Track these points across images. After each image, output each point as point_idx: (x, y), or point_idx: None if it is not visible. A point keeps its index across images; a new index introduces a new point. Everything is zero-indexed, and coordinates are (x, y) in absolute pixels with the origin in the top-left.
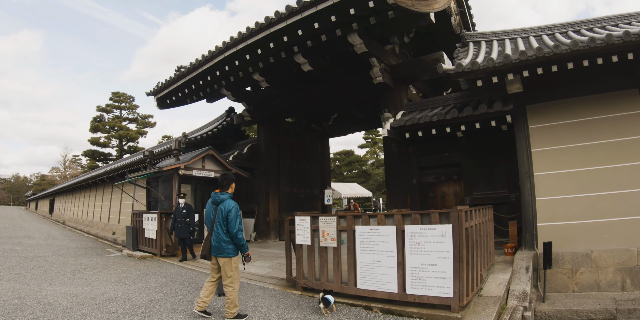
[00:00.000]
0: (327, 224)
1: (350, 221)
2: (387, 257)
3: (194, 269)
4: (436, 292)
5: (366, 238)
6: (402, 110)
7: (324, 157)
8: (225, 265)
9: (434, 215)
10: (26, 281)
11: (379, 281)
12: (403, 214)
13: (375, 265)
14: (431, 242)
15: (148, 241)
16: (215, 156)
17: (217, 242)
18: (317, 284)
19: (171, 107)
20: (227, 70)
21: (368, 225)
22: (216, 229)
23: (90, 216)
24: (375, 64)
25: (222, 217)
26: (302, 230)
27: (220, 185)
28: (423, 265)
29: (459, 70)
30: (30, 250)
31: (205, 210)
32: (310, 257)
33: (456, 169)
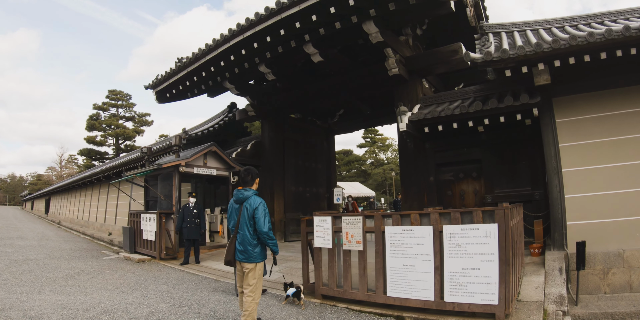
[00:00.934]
0: (351, 224)
1: (378, 221)
2: (422, 261)
3: (197, 273)
4: (479, 299)
5: (398, 240)
6: (418, 104)
7: (329, 154)
8: (250, 272)
9: (477, 214)
10: (13, 289)
11: (413, 288)
12: (440, 212)
13: (409, 270)
14: (474, 243)
15: (146, 243)
16: (218, 153)
17: (242, 245)
18: (339, 291)
19: (171, 101)
20: (232, 60)
21: (400, 226)
22: (242, 230)
23: (86, 216)
24: (390, 54)
25: (248, 216)
26: (322, 232)
27: (244, 181)
28: (464, 270)
29: (487, 58)
30: (21, 252)
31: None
32: (332, 261)
33: (475, 166)
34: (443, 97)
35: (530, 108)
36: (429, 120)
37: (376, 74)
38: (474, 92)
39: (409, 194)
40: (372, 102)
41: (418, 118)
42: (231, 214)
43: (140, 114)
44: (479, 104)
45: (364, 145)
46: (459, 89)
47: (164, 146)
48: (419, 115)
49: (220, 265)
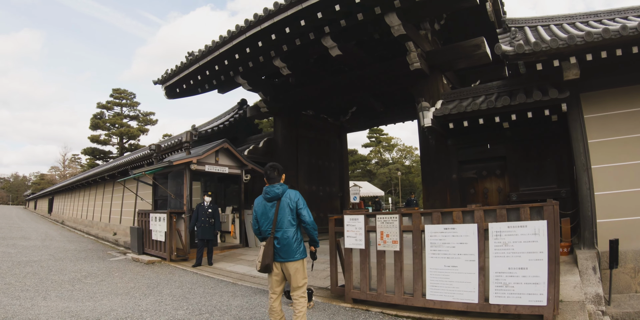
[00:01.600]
0: (386, 223)
1: (417, 220)
2: (465, 261)
3: (212, 276)
4: (526, 300)
5: (439, 239)
6: (440, 99)
7: (342, 152)
8: (297, 271)
9: (524, 210)
10: (16, 294)
11: (455, 290)
12: (485, 209)
13: (451, 271)
14: (521, 241)
15: (155, 244)
16: (230, 150)
17: (286, 242)
18: (372, 295)
19: (181, 96)
20: (247, 53)
21: (441, 224)
22: (282, 228)
23: (90, 216)
24: (412, 48)
25: (289, 211)
26: (354, 232)
27: (270, 178)
28: (511, 270)
29: (519, 51)
30: (25, 253)
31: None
32: (364, 263)
33: (499, 163)
34: (465, 92)
35: (558, 103)
36: (454, 115)
37: (394, 69)
38: (497, 87)
39: (431, 192)
40: (385, 100)
41: (443, 113)
42: (264, 213)
43: (145, 113)
44: (506, 99)
45: (368, 145)
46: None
47: (174, 143)
48: (444, 110)
49: (235, 267)
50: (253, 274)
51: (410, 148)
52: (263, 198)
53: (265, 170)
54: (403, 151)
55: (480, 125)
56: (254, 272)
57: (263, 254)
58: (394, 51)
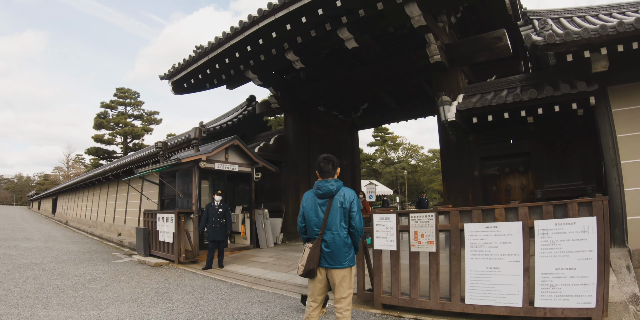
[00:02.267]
0: (421, 222)
1: (455, 218)
2: (509, 262)
3: (224, 280)
4: (574, 302)
5: (480, 239)
6: (461, 93)
7: (353, 150)
8: (344, 280)
9: (572, 206)
10: (14, 301)
11: (497, 293)
12: (530, 205)
13: (493, 273)
14: (569, 240)
15: (163, 245)
16: (240, 147)
17: (335, 247)
18: (404, 300)
19: (188, 92)
20: (260, 44)
21: (482, 222)
22: (333, 230)
23: (94, 216)
24: (431, 40)
25: (341, 211)
26: (384, 232)
27: (323, 172)
28: (558, 270)
29: (550, 41)
30: (26, 255)
31: (303, 209)
32: (396, 265)
33: (522, 159)
34: (486, 86)
35: (586, 96)
36: (478, 109)
37: (411, 63)
38: (519, 81)
39: (452, 190)
40: (397, 96)
41: (467, 107)
42: (313, 211)
43: (149, 112)
44: (533, 92)
45: (374, 144)
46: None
47: (181, 140)
48: (468, 104)
49: (248, 269)
50: (268, 277)
51: (415, 147)
52: (314, 194)
53: (318, 163)
54: (408, 150)
55: (503, 120)
56: (269, 275)
57: (308, 257)
58: (410, 45)
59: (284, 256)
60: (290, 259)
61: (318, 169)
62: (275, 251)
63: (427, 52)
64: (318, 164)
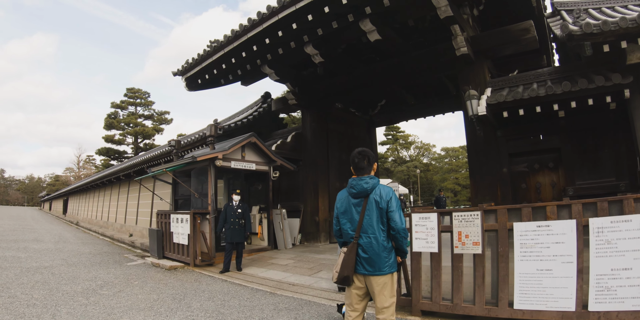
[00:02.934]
0: (465, 222)
1: (503, 217)
2: (561, 263)
3: (244, 284)
4: (629, 305)
5: (531, 239)
6: (488, 87)
7: (371, 148)
8: (385, 287)
9: (628, 203)
10: (21, 310)
11: (548, 297)
12: (584, 202)
13: (544, 275)
14: (625, 238)
15: (177, 247)
16: (258, 144)
17: (372, 252)
18: (446, 306)
19: (202, 88)
20: (279, 37)
21: (532, 221)
22: (369, 233)
23: (105, 216)
24: (458, 32)
25: (378, 212)
26: (424, 233)
27: (358, 168)
28: (614, 271)
29: (587, 31)
30: (36, 257)
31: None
32: (437, 269)
33: (552, 155)
34: (514, 80)
35: (621, 89)
36: (509, 102)
37: (435, 56)
38: (548, 74)
39: (479, 188)
40: (416, 92)
41: (497, 100)
42: (346, 212)
43: (160, 112)
44: (567, 85)
45: (385, 143)
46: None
47: (196, 138)
48: (499, 97)
49: (268, 272)
50: (291, 281)
51: (427, 145)
52: (348, 193)
53: (352, 158)
54: (420, 149)
55: (534, 114)
56: (291, 278)
57: (342, 263)
58: (431, 39)
59: (305, 258)
60: (311, 261)
61: (353, 165)
62: (294, 253)
63: (454, 44)
64: (352, 159)
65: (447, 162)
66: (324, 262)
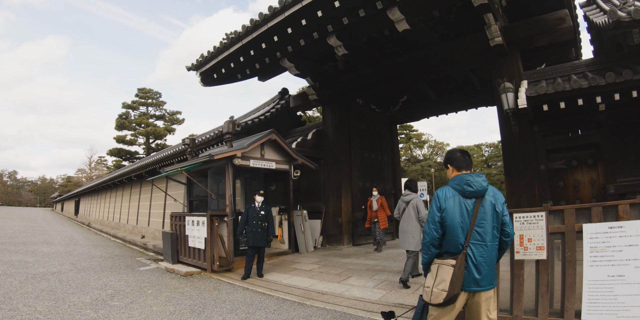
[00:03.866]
0: (528, 223)
1: (570, 218)
2: (635, 268)
3: (268, 293)
4: None
5: (602, 242)
6: (525, 80)
7: (393, 145)
8: (490, 300)
9: None
10: None
11: (620, 306)
12: None
13: (615, 282)
14: None
15: (193, 251)
16: (278, 142)
17: (488, 263)
18: (504, 318)
19: (218, 84)
20: (303, 26)
21: (604, 222)
22: (488, 240)
23: (117, 218)
24: (491, 21)
25: (494, 216)
26: None
27: (467, 164)
28: None
29: (636, 17)
30: (43, 262)
31: (438, 212)
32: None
33: (591, 151)
34: (550, 72)
35: None
36: (551, 95)
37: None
38: (586, 66)
39: (515, 186)
40: (439, 88)
41: (538, 93)
42: (458, 215)
43: (171, 112)
44: (611, 76)
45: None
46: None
47: (212, 136)
48: (539, 89)
49: (292, 279)
50: (319, 289)
51: (441, 144)
52: (457, 192)
53: (453, 154)
54: (434, 147)
55: (572, 108)
56: (319, 286)
57: (452, 279)
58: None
59: (330, 262)
60: (338, 266)
61: (457, 160)
62: (317, 256)
63: (487, 33)
64: (454, 155)
65: None
66: (351, 267)
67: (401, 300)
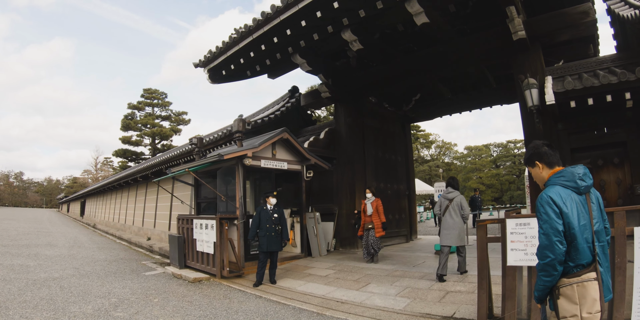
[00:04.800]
0: None
1: (621, 220)
2: None
3: (283, 302)
4: None
5: None
6: (549, 75)
7: (406, 145)
8: None
9: None
10: None
11: None
12: None
13: None
14: None
15: (201, 256)
16: (290, 141)
17: (608, 267)
18: None
19: (226, 81)
20: (318, 18)
21: None
22: (604, 238)
23: (122, 219)
24: (514, 14)
25: (601, 211)
26: (523, 243)
27: (558, 158)
28: None
29: None
30: (46, 266)
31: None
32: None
33: (617, 150)
34: (574, 67)
35: None
36: (579, 91)
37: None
38: (611, 61)
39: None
40: (453, 85)
41: (566, 88)
42: (582, 218)
43: (177, 113)
44: None
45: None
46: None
47: (219, 136)
48: (567, 85)
49: (307, 286)
50: (338, 298)
51: (449, 144)
52: (569, 188)
53: (540, 148)
54: (441, 148)
55: (598, 105)
56: (336, 293)
57: (601, 295)
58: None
59: (345, 267)
60: (354, 271)
61: (547, 155)
62: (331, 261)
63: (510, 27)
64: (541, 149)
65: (470, 161)
66: (369, 272)
67: (428, 310)
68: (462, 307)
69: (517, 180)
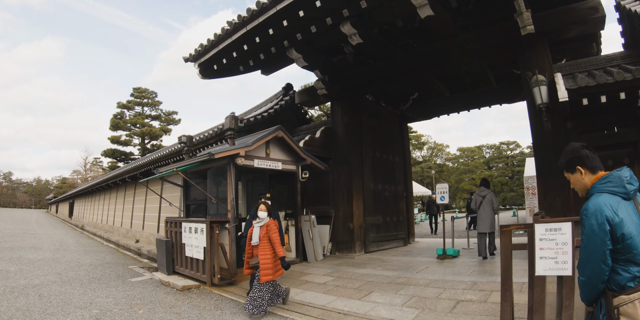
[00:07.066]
0: None
1: None
2: None
3: (280, 313)
4: None
5: None
6: (558, 72)
7: (404, 145)
8: None
9: None
10: None
11: None
12: None
13: None
14: None
15: (190, 262)
16: (285, 140)
17: None
18: None
19: (218, 76)
20: (317, 8)
21: None
22: None
23: (111, 221)
24: (522, 8)
25: None
26: (553, 250)
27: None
28: None
29: None
30: (27, 271)
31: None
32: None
33: (627, 150)
34: (583, 64)
35: None
36: (592, 88)
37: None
38: (621, 58)
39: (549, 188)
40: (452, 84)
41: (579, 85)
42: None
43: (167, 112)
44: None
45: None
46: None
47: (210, 135)
48: (580, 82)
49: (305, 294)
50: (339, 308)
51: (441, 146)
52: (618, 195)
53: (579, 150)
54: (433, 149)
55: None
56: (337, 303)
57: None
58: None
59: (344, 274)
60: (355, 278)
61: (590, 159)
62: (328, 266)
63: (519, 21)
64: (582, 152)
65: (463, 162)
66: (370, 279)
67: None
68: (477, 319)
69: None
